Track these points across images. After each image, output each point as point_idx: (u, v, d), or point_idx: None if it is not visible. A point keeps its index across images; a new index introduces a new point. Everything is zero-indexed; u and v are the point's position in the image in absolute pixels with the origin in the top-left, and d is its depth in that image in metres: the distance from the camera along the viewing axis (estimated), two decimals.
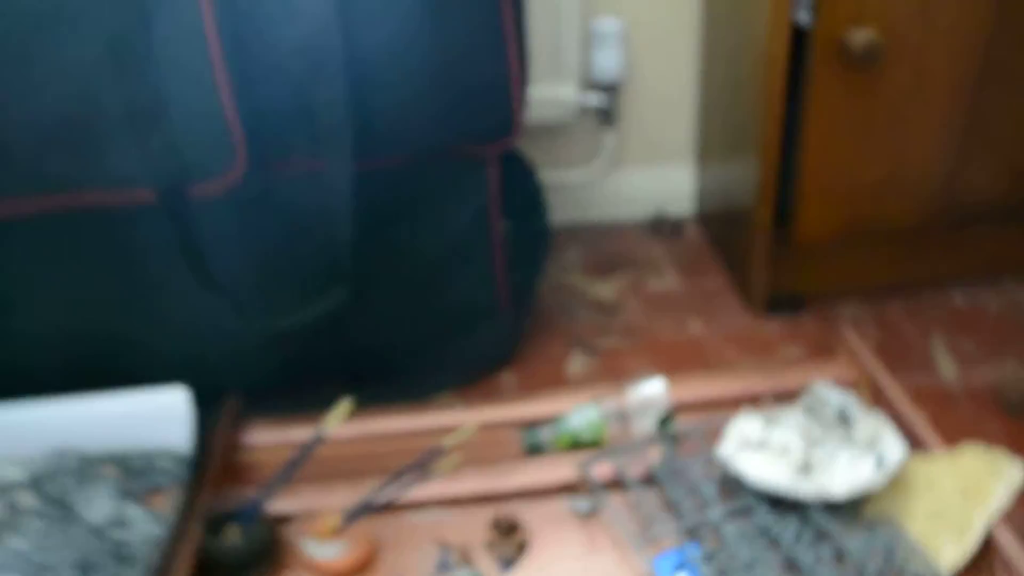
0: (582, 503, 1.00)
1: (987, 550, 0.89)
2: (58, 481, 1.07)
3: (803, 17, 1.19)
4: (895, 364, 1.28)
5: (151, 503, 1.05)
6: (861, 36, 1.17)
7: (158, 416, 1.08)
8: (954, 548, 0.88)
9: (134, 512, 1.03)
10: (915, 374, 1.27)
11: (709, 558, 0.90)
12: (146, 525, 1.01)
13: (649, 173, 1.75)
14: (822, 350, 1.32)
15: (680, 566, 0.90)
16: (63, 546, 0.98)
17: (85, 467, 1.08)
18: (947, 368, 1.28)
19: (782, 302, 1.43)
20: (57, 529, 1.00)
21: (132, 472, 1.08)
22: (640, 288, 1.53)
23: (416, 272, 1.14)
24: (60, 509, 1.03)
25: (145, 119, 0.91)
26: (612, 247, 1.68)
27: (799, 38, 1.22)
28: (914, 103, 1.26)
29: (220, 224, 1.01)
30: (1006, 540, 0.88)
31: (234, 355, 1.11)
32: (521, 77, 1.08)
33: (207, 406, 1.14)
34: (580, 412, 1.08)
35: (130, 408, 1.08)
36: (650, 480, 1.02)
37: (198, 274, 1.02)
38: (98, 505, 1.04)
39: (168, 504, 1.04)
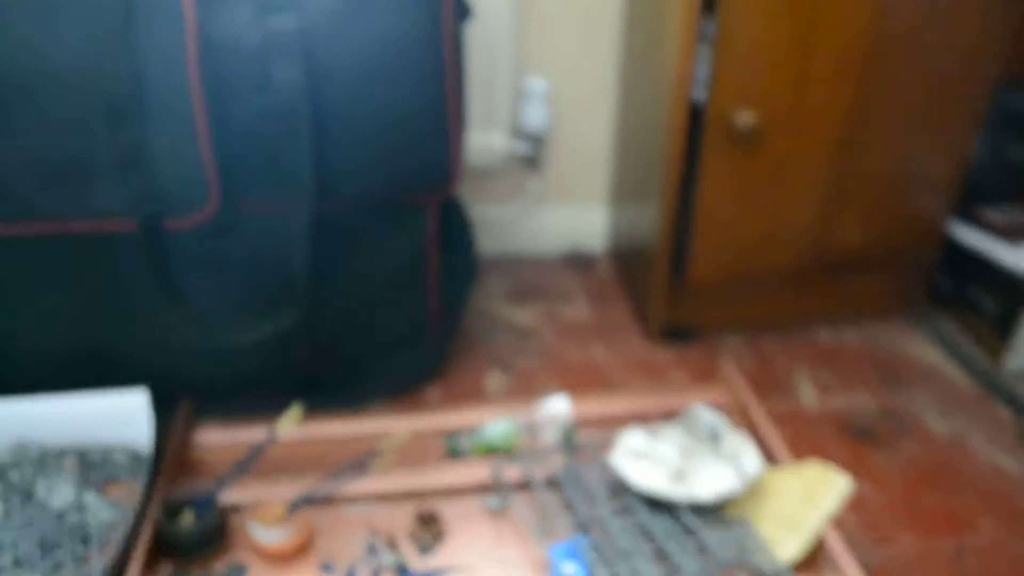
0: (493, 500, 1.15)
1: (820, 548, 1.08)
2: (20, 470, 1.16)
3: (699, 95, 1.37)
4: (765, 391, 1.47)
5: (108, 492, 1.15)
6: (744, 116, 1.35)
7: (119, 415, 1.19)
8: (793, 545, 1.06)
9: (92, 499, 1.13)
10: (780, 400, 1.45)
11: (596, 548, 1.06)
12: (103, 511, 1.12)
13: (567, 213, 1.91)
14: (705, 376, 1.50)
15: (571, 554, 1.06)
16: (25, 527, 1.07)
17: (46, 458, 1.18)
18: (808, 396, 1.47)
19: (675, 333, 1.61)
20: (19, 513, 1.10)
21: (90, 464, 1.19)
22: (554, 315, 1.69)
23: (360, 298, 1.26)
24: (22, 495, 1.12)
25: (132, 163, 1.04)
26: (531, 278, 1.84)
27: (697, 113, 1.39)
28: (788, 171, 1.44)
29: (191, 252, 1.13)
30: (833, 540, 1.06)
31: (197, 365, 1.23)
32: (459, 136, 1.23)
33: (170, 410, 1.26)
34: (495, 423, 1.24)
35: (92, 407, 1.18)
36: (552, 483, 1.18)
37: (169, 294, 1.14)
38: (58, 492, 1.13)
39: (124, 494, 1.14)
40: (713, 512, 1.11)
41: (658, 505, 1.11)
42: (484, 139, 1.71)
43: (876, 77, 1.38)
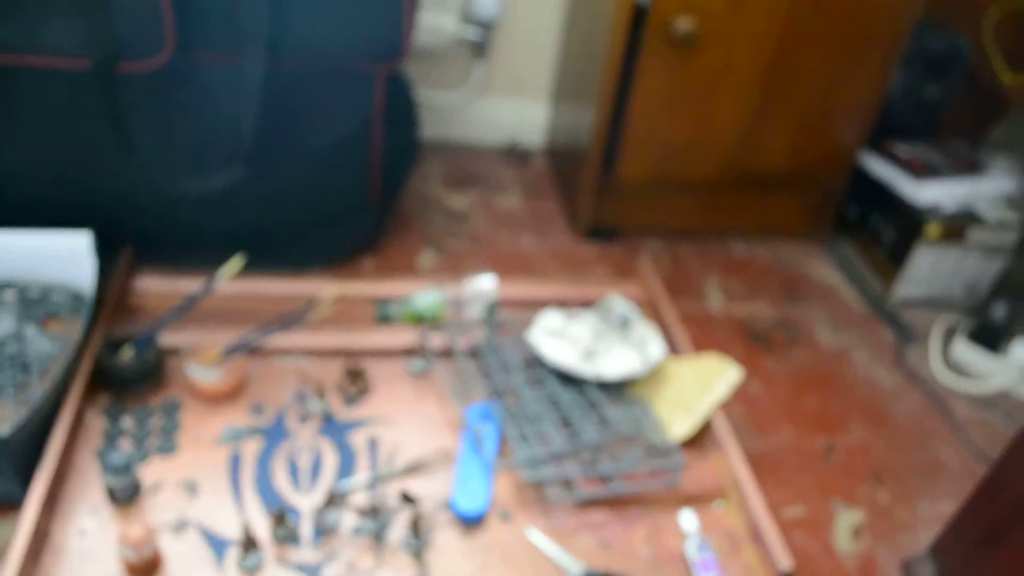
0: (417, 364, 1.24)
1: (708, 430, 1.20)
2: None
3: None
4: (676, 292, 1.57)
5: (48, 328, 1.20)
6: (684, 22, 1.41)
7: (62, 255, 1.22)
8: (684, 425, 1.18)
9: (32, 332, 1.18)
10: (689, 301, 1.56)
11: (508, 411, 1.16)
12: (42, 343, 1.16)
13: (509, 105, 1.96)
14: (623, 273, 1.60)
15: (485, 416, 1.16)
16: None
17: None
18: (715, 300, 1.58)
19: (600, 231, 1.69)
20: None
21: (30, 300, 1.23)
22: (488, 203, 1.76)
23: (305, 163, 1.30)
24: None
25: (91, 2, 1.05)
26: (469, 166, 1.89)
27: (640, 15, 1.43)
28: (720, 82, 1.51)
29: (144, 99, 1.15)
30: (720, 424, 1.19)
31: (143, 212, 1.26)
32: (413, 10, 1.26)
33: (114, 256, 1.29)
34: (424, 294, 1.32)
35: (35, 245, 1.21)
36: (473, 352, 1.27)
37: (119, 139, 1.17)
38: None
39: (63, 329, 1.19)
40: (616, 390, 1.22)
41: (567, 380, 1.22)
42: (435, 20, 1.74)
43: (808, 4, 1.45)
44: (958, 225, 1.58)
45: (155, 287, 1.30)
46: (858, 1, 1.46)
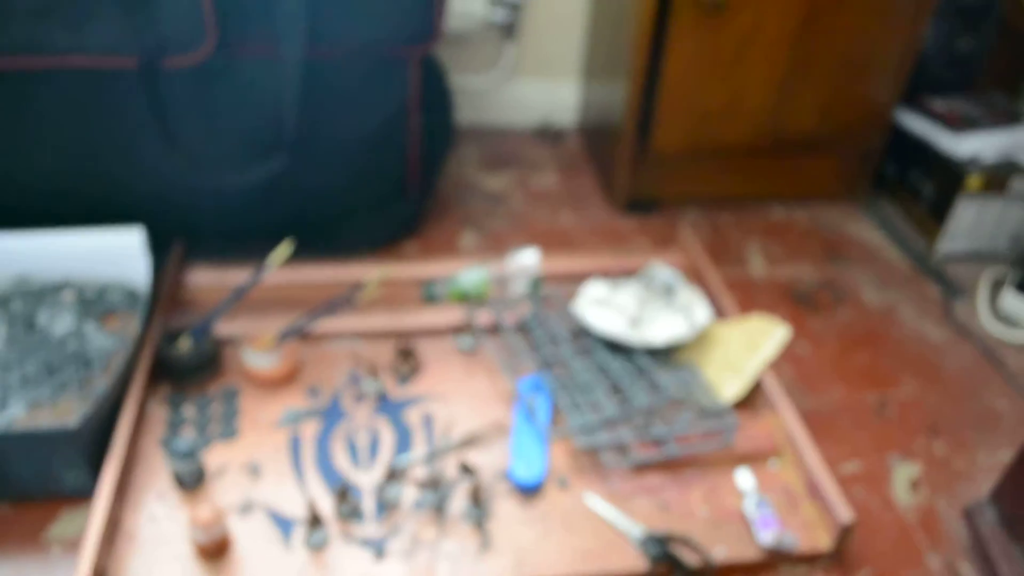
0: (466, 341, 1.25)
1: (759, 390, 1.19)
2: (22, 300, 1.22)
3: None
4: (718, 259, 1.56)
5: (106, 324, 1.22)
6: None
7: (115, 253, 1.24)
8: (734, 386, 1.17)
9: (91, 329, 1.20)
10: (731, 268, 1.55)
11: (558, 382, 1.16)
12: (102, 339, 1.18)
13: (540, 85, 1.95)
14: (664, 243, 1.59)
15: (537, 387, 1.16)
16: (29, 351, 1.13)
17: (45, 290, 1.23)
18: (757, 265, 1.57)
19: (638, 204, 1.68)
20: (23, 338, 1.16)
21: (87, 299, 1.25)
22: (524, 183, 1.76)
23: (345, 151, 1.31)
24: (24, 323, 1.19)
25: (133, 0, 1.07)
26: (503, 148, 1.89)
27: None
28: (751, 46, 1.49)
29: (187, 93, 1.17)
30: (771, 384, 1.18)
31: (189, 205, 1.28)
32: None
33: (163, 249, 1.32)
34: (468, 272, 1.32)
35: (89, 244, 1.23)
36: (520, 327, 1.28)
37: (164, 134, 1.19)
38: (59, 321, 1.20)
39: (120, 325, 1.21)
40: (665, 356, 1.22)
41: (616, 348, 1.22)
42: (464, 4, 1.73)
43: None
44: (999, 176, 1.55)
45: (206, 280, 1.32)
46: None
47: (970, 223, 1.60)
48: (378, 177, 1.40)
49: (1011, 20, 1.75)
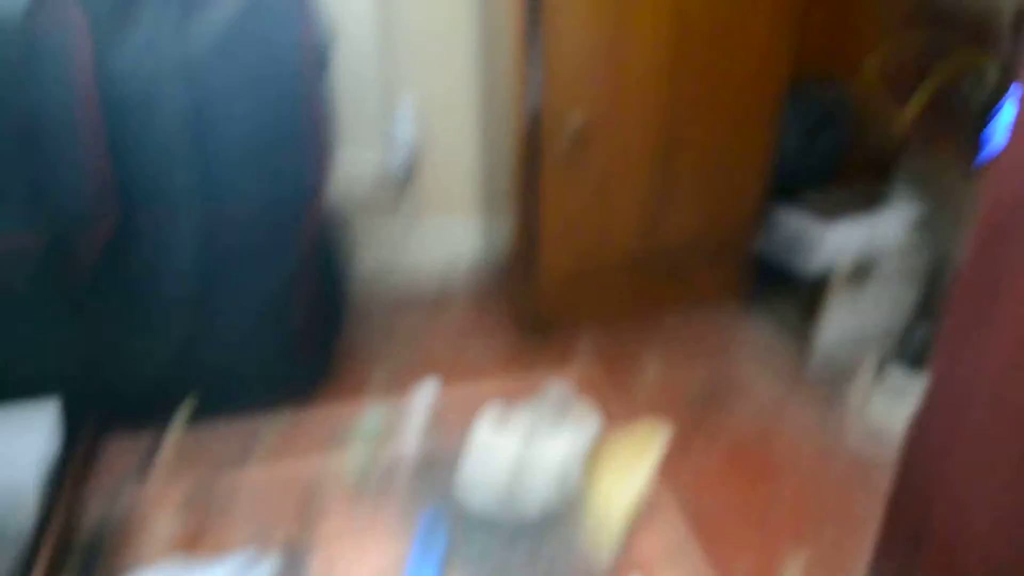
0: (366, 479, 1.28)
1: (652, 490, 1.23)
2: None
3: (533, 101, 1.51)
4: (617, 369, 1.62)
5: None
6: (574, 116, 1.50)
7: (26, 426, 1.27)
8: (626, 495, 1.21)
9: None
10: (630, 376, 1.61)
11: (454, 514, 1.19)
12: None
13: (443, 224, 2.03)
14: (564, 362, 1.65)
15: (434, 523, 1.19)
16: None
17: None
18: (653, 372, 1.63)
19: (538, 327, 1.74)
20: None
21: None
22: (433, 320, 1.82)
23: (246, 307, 1.37)
24: None
25: (38, 184, 1.16)
26: (412, 288, 1.96)
27: (539, 121, 1.53)
28: (618, 169, 1.59)
29: (94, 264, 1.24)
30: (660, 487, 1.22)
31: (102, 373, 1.33)
32: (324, 156, 1.35)
33: (77, 417, 1.34)
34: (368, 414, 1.36)
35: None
36: (423, 463, 1.31)
37: (73, 304, 1.25)
38: None
39: None
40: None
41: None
42: (358, 157, 1.82)
43: (683, 79, 1.55)
44: (866, 260, 1.65)
45: (120, 446, 1.34)
46: (730, 69, 1.57)
47: (848, 308, 1.69)
48: (280, 330, 1.45)
49: (868, 115, 1.89)
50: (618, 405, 1.38)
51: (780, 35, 1.58)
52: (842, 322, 1.69)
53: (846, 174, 1.93)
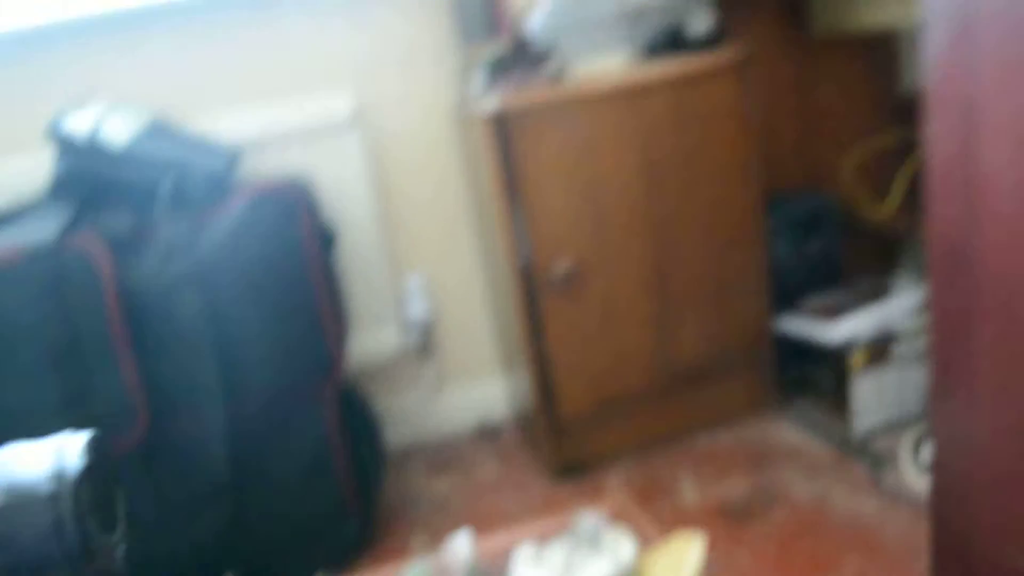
0: None
1: None
2: None
3: (524, 254, 1.61)
4: (652, 496, 1.61)
5: None
6: (562, 264, 1.60)
7: None
8: None
9: None
10: (665, 501, 1.60)
11: None
12: None
13: (468, 388, 2.09)
14: (597, 497, 1.66)
15: None
16: None
17: None
18: (689, 493, 1.63)
19: (569, 470, 1.76)
20: None
21: None
22: (467, 480, 1.84)
23: (280, 489, 1.42)
24: None
25: (72, 401, 1.25)
26: (445, 453, 1.99)
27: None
28: (615, 305, 1.66)
29: (128, 470, 1.31)
30: None
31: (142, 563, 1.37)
32: (338, 333, 1.45)
33: None
34: (410, 571, 1.38)
35: None
36: None
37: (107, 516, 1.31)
38: None
39: None
40: None
41: None
42: (376, 336, 1.91)
43: (660, 208, 1.64)
44: (880, 346, 1.67)
45: None
46: (704, 195, 1.66)
47: (872, 396, 1.69)
48: (316, 508, 1.50)
49: (856, 215, 1.97)
50: (654, 528, 1.38)
51: (746, 151, 1.68)
52: (872, 409, 1.69)
53: (849, 274, 1.98)
